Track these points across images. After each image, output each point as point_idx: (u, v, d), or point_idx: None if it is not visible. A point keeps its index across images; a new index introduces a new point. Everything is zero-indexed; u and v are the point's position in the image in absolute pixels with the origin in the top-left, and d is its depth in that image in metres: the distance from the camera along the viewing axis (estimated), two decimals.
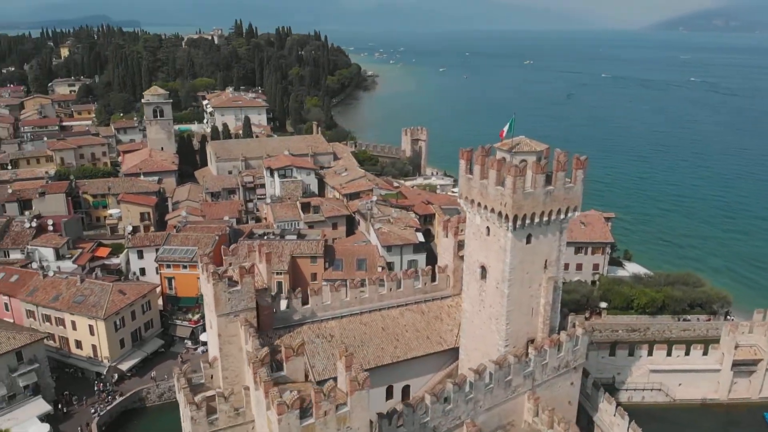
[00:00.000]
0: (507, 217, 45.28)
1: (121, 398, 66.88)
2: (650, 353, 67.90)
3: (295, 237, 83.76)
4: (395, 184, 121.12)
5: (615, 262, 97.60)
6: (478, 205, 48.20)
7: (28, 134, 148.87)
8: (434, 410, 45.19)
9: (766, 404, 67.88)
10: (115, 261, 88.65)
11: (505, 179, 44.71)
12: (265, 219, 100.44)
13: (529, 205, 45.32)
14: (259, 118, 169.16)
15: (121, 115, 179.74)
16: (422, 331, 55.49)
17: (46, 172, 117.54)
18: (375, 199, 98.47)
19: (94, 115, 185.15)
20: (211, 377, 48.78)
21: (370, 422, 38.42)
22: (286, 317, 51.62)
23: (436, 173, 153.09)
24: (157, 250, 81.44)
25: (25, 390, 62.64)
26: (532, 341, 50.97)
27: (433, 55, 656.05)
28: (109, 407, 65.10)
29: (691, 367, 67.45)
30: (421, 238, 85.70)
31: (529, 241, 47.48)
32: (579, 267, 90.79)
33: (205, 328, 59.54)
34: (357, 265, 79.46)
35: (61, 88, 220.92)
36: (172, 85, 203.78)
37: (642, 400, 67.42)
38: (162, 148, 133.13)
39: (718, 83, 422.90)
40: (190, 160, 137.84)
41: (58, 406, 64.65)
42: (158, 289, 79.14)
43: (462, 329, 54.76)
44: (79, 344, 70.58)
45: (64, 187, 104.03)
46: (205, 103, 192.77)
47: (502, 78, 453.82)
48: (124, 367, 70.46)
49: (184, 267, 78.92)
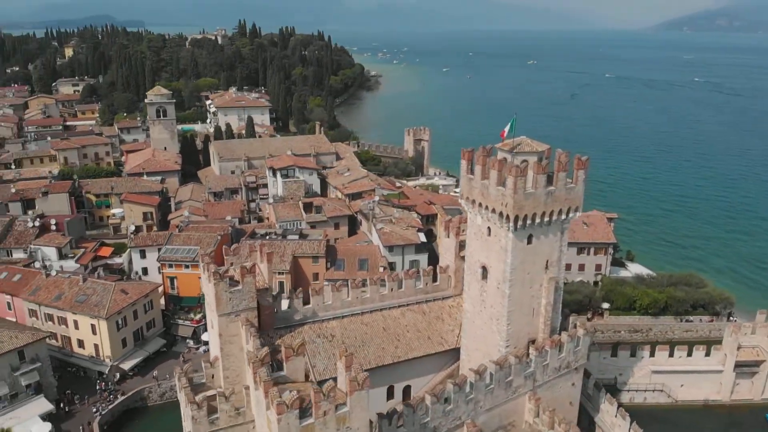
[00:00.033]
0: (508, 217, 45.21)
1: (123, 397, 67.09)
2: (652, 354, 67.78)
3: (297, 237, 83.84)
4: (398, 184, 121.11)
5: (617, 263, 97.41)
6: (479, 205, 48.14)
7: (32, 134, 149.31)
8: (434, 410, 45.14)
9: None
10: (117, 260, 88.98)
11: (506, 179, 44.64)
12: (268, 219, 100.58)
13: (530, 205, 45.24)
14: (262, 118, 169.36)
15: (125, 114, 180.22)
16: (423, 332, 55.43)
17: (50, 172, 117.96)
18: (377, 199, 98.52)
19: (98, 115, 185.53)
20: (212, 377, 48.89)
21: (370, 422, 38.40)
22: (287, 317, 51.66)
23: (439, 173, 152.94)
24: (160, 250, 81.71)
25: (27, 389, 62.87)
26: (533, 342, 50.87)
27: (436, 55, 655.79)
28: (110, 406, 65.35)
29: (694, 368, 67.33)
30: (423, 238, 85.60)
31: (530, 242, 47.40)
32: (581, 267, 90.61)
33: (207, 328, 59.61)
34: (359, 265, 79.51)
35: (65, 88, 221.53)
36: (176, 85, 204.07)
37: (644, 401, 67.31)
38: (165, 148, 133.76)
39: (722, 83, 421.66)
40: (193, 160, 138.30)
41: (60, 405, 64.85)
42: (160, 289, 79.31)
43: (463, 329, 54.71)
44: (81, 343, 70.83)
45: (68, 187, 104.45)
46: (208, 103, 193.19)
47: (505, 78, 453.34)
48: (126, 366, 70.64)
49: (186, 267, 79.06)
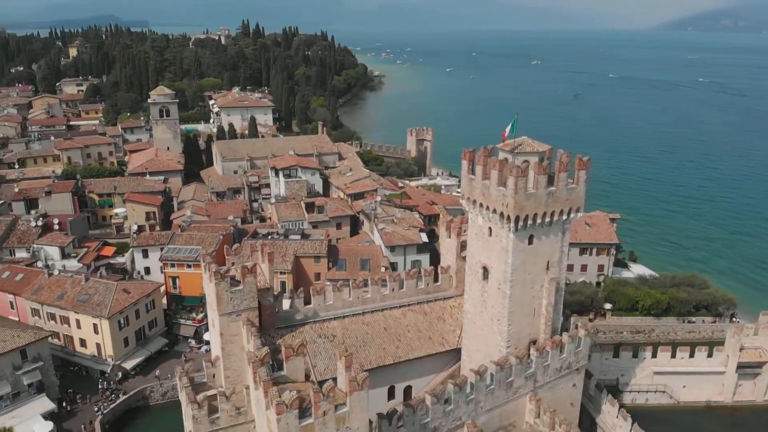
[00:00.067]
0: (509, 217, 45.20)
1: (125, 396, 67.23)
2: (654, 355, 67.57)
3: (299, 237, 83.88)
4: (400, 185, 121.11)
5: (620, 264, 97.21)
6: (480, 205, 48.12)
7: (36, 133, 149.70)
8: (435, 411, 45.12)
9: None
10: (120, 260, 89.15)
11: (507, 180, 44.63)
12: (270, 219, 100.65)
13: (531, 205, 45.20)
14: (265, 118, 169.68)
15: (128, 114, 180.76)
16: (424, 332, 55.43)
17: (53, 171, 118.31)
18: (379, 199, 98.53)
19: (102, 115, 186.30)
20: (213, 376, 48.97)
21: (370, 422, 38.40)
22: (288, 317, 51.73)
23: (441, 173, 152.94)
24: (162, 250, 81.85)
25: (30, 388, 62.99)
26: (534, 342, 50.80)
27: (439, 55, 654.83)
28: (112, 405, 65.47)
29: (696, 369, 67.09)
30: (424, 238, 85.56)
31: (531, 242, 47.36)
32: (584, 268, 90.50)
33: (209, 328, 59.68)
34: (360, 265, 79.57)
35: (69, 88, 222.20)
36: (179, 85, 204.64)
37: (646, 402, 67.12)
38: (168, 148, 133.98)
39: (727, 84, 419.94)
40: (195, 159, 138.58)
41: (62, 404, 65.01)
42: (162, 288, 79.47)
43: (464, 330, 54.68)
44: (83, 343, 71.00)
45: (71, 187, 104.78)
46: (211, 103, 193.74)
47: (508, 78, 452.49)
48: (128, 365, 70.80)
49: (189, 266, 79.16)
